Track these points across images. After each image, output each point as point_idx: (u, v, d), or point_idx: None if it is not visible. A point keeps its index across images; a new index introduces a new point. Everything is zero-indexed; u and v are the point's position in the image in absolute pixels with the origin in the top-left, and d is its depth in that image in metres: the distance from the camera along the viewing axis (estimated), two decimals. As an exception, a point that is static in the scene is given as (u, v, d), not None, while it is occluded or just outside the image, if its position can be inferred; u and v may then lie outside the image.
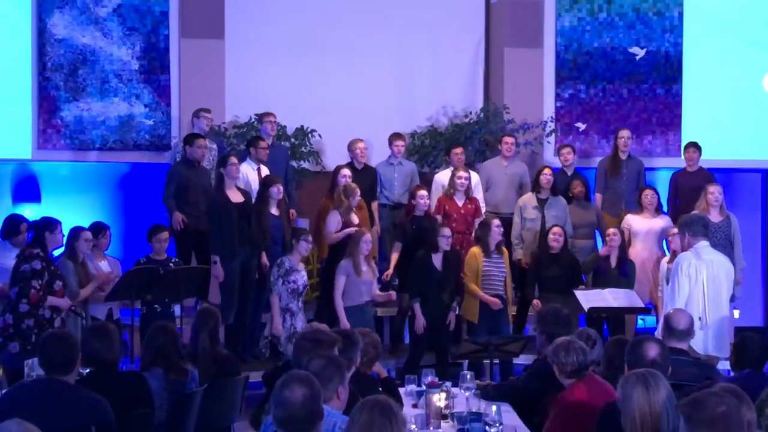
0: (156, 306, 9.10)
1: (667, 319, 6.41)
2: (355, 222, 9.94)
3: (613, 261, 9.97)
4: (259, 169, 10.44)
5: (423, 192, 10.20)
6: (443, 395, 6.08)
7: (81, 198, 11.67)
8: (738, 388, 4.01)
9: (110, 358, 5.75)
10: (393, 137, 11.19)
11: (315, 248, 10.22)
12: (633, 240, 10.41)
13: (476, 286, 9.57)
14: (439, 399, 6.00)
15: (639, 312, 9.91)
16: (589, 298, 9.33)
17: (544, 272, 9.90)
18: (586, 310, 9.25)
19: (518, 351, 8.32)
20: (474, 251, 9.71)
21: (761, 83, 12.97)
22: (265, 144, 10.56)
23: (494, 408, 5.57)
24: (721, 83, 12.92)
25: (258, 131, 11.47)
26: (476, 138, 12.16)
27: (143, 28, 11.94)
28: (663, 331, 6.44)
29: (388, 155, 11.22)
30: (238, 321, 9.76)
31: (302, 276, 9.24)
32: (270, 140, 10.83)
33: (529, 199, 10.70)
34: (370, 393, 4.74)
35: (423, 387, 6.53)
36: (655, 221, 10.45)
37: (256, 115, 11.44)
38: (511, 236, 10.66)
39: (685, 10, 12.95)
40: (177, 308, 9.33)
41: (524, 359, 9.19)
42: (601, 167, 11.55)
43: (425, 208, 10.14)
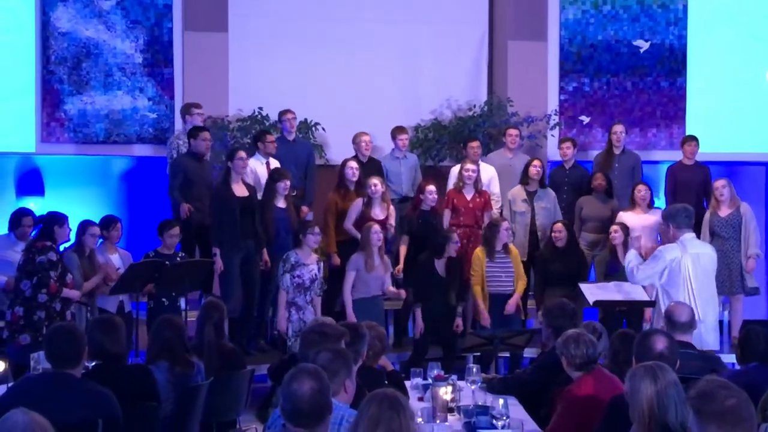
0: (164, 300, 9.11)
1: (669, 313, 6.40)
2: (378, 217, 9.94)
3: (621, 257, 9.93)
4: (268, 163, 10.44)
5: (432, 187, 10.18)
6: (449, 388, 6.07)
7: (84, 191, 11.64)
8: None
9: (116, 351, 5.77)
10: (396, 131, 11.16)
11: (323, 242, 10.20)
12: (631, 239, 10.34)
13: (478, 290, 9.63)
14: (446, 392, 5.99)
15: (644, 305, 9.87)
16: (594, 292, 9.31)
17: (549, 267, 9.91)
18: (591, 303, 9.24)
19: (523, 344, 8.32)
20: (477, 253, 9.72)
21: (765, 76, 12.96)
22: (273, 138, 10.55)
23: (501, 401, 5.57)
24: (726, 76, 12.92)
25: (261, 124, 11.49)
26: (480, 131, 12.14)
27: (147, 22, 11.91)
28: (665, 325, 6.42)
29: (392, 149, 11.20)
30: (244, 314, 9.77)
31: (309, 270, 9.19)
32: (291, 136, 10.85)
33: (518, 192, 10.66)
34: (377, 386, 4.75)
35: (429, 380, 6.54)
36: (648, 216, 10.39)
37: (259, 108, 11.45)
38: None
39: (690, 3, 12.94)
40: (182, 301, 9.33)
41: (529, 352, 9.21)
42: (595, 162, 11.54)
43: (433, 204, 10.13)
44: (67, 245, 8.87)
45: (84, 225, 8.93)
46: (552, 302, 7.05)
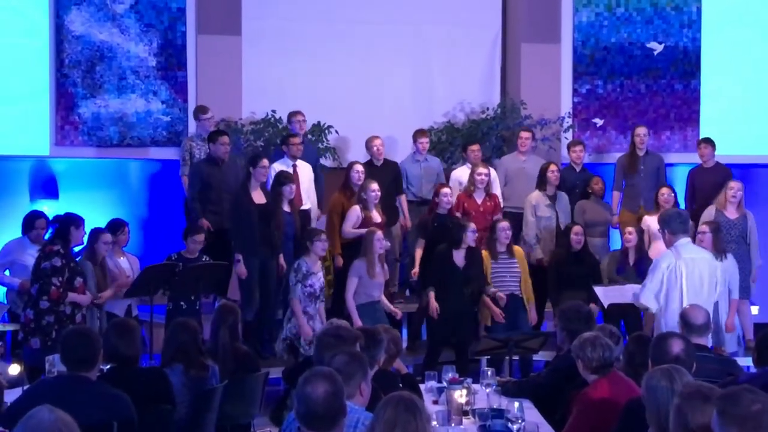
0: (182, 303, 9.09)
1: (684, 316, 6.35)
2: (377, 220, 9.93)
3: (632, 259, 9.92)
4: (294, 166, 10.44)
5: (447, 190, 10.15)
6: (464, 392, 6.07)
7: (98, 194, 11.66)
8: None
9: (131, 354, 5.77)
10: (417, 134, 11.14)
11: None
12: (652, 240, 10.30)
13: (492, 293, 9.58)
14: (460, 395, 5.99)
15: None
16: (609, 294, 9.29)
17: (565, 270, 9.87)
18: (606, 306, 9.22)
19: (537, 347, 8.29)
20: (484, 254, 9.70)
21: (780, 79, 12.91)
22: (298, 140, 10.54)
23: (516, 404, 5.55)
24: (740, 79, 12.88)
25: (275, 127, 11.49)
26: (493, 134, 12.13)
27: (160, 25, 11.94)
28: (681, 328, 6.38)
29: (413, 151, 11.18)
30: (258, 318, 9.77)
31: (319, 278, 9.17)
32: (299, 138, 10.86)
33: (540, 198, 10.60)
34: (392, 389, 4.74)
35: (443, 383, 6.53)
36: None
37: (272, 111, 11.48)
38: (525, 235, 10.58)
39: (704, 5, 12.90)
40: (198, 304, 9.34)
41: (543, 356, 9.18)
42: (619, 164, 11.49)
43: (448, 206, 10.09)
44: (78, 248, 8.89)
45: (96, 232, 8.86)
46: (567, 305, 7.01)
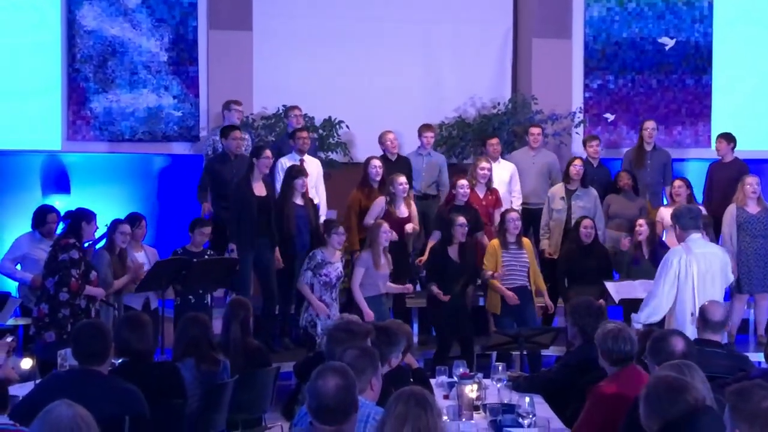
0: (190, 297, 9.13)
1: (703, 312, 6.34)
2: (402, 215, 9.95)
3: (646, 252, 9.90)
4: (302, 160, 10.45)
5: (463, 182, 10.13)
6: (475, 386, 6.08)
7: (110, 189, 11.69)
8: None
9: (143, 349, 5.78)
10: (423, 128, 11.17)
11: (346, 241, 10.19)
12: (667, 233, 10.27)
13: (496, 280, 9.56)
14: (471, 390, 5.99)
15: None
16: (620, 290, 9.28)
17: (575, 264, 9.86)
18: (617, 301, 9.20)
19: (548, 343, 8.27)
20: (494, 243, 9.69)
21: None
22: (305, 134, 10.56)
23: (527, 399, 5.56)
24: (751, 73, 12.84)
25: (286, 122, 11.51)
26: (504, 129, 12.12)
27: (172, 20, 11.95)
28: (698, 323, 6.37)
29: (418, 146, 11.20)
30: (266, 312, 9.78)
31: (336, 268, 9.21)
32: (306, 133, 10.83)
33: (558, 190, 10.66)
34: (402, 384, 4.74)
35: (454, 378, 6.53)
36: None
37: (283, 106, 11.48)
38: (540, 226, 10.64)
39: (715, 0, 12.86)
40: (209, 298, 9.36)
41: (554, 351, 9.18)
42: (626, 158, 11.50)
43: (465, 198, 10.07)
44: (101, 244, 8.94)
45: (115, 223, 8.96)
46: (577, 300, 7.00)
